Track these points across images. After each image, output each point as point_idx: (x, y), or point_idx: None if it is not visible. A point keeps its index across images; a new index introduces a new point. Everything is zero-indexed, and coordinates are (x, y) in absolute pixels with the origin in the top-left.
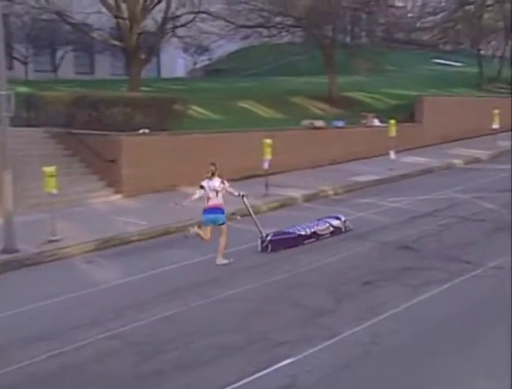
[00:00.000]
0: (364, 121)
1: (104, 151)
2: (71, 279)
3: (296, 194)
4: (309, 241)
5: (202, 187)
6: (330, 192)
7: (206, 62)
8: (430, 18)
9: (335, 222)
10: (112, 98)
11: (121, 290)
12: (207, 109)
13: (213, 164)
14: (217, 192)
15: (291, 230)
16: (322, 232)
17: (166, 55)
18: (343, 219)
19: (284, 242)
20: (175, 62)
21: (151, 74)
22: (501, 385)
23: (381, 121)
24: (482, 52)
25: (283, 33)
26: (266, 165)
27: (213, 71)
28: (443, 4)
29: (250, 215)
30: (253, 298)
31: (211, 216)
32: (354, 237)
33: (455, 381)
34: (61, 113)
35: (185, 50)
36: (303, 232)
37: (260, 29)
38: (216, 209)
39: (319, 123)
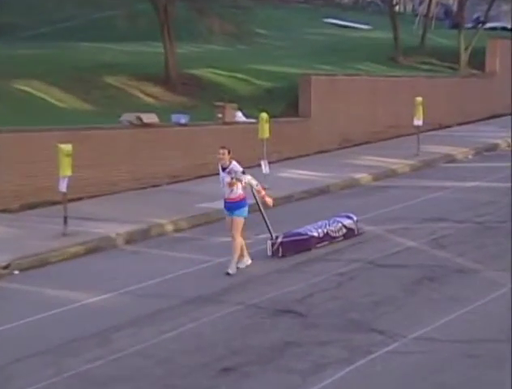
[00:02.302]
0: (220, 116)
1: None
2: None
3: (114, 231)
4: (321, 243)
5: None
6: (169, 227)
7: None
8: None
9: (347, 221)
10: None
11: None
12: None
13: (222, 147)
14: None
15: (302, 230)
16: (334, 234)
17: None
18: (355, 218)
19: (296, 245)
20: None
21: None
22: None
23: (246, 116)
24: (397, 8)
25: None
26: (63, 186)
27: None
28: None
29: (260, 210)
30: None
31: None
32: (203, 299)
33: None
34: None
35: None
36: (315, 234)
37: None
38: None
39: (150, 118)
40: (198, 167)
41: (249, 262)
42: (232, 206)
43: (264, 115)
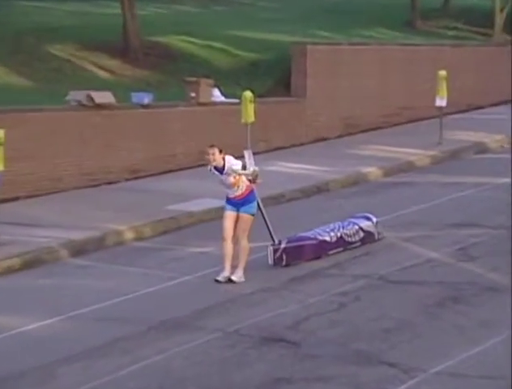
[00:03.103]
0: (193, 95)
1: None
2: None
3: (58, 239)
4: (334, 250)
5: None
6: (129, 235)
7: None
8: None
9: (365, 223)
10: None
11: None
12: None
13: (210, 147)
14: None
15: (310, 234)
16: (350, 239)
17: None
18: (374, 220)
19: (303, 252)
20: None
21: None
22: None
23: (225, 95)
24: None
25: None
26: None
27: None
28: None
29: (259, 209)
30: None
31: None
32: (172, 324)
33: None
34: None
35: None
36: (327, 238)
37: None
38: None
39: (104, 98)
40: (166, 159)
41: (230, 276)
42: (239, 202)
43: (248, 94)
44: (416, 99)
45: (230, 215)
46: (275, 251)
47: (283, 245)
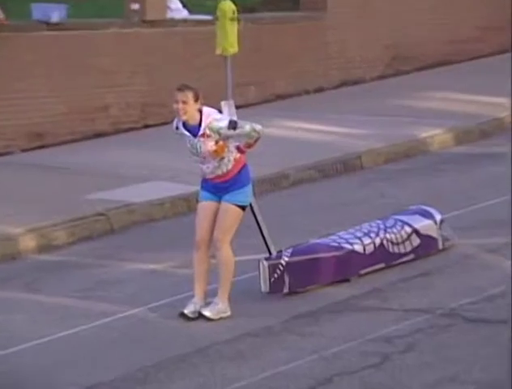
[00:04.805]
0: (135, 7)
1: None
2: None
3: None
4: (371, 267)
5: None
6: (28, 242)
7: None
8: None
9: (422, 223)
10: None
11: None
12: None
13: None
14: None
15: (330, 241)
16: (397, 250)
17: None
18: (437, 217)
19: (318, 270)
20: None
21: None
22: None
23: (188, 8)
24: None
25: None
26: None
27: None
28: None
29: (253, 213)
30: None
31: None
32: None
33: None
34: None
35: None
36: (358, 247)
37: None
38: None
39: None
40: (88, 116)
41: (202, 311)
42: (222, 186)
43: (227, 6)
44: (502, 18)
45: (207, 207)
46: (273, 269)
47: (285, 260)
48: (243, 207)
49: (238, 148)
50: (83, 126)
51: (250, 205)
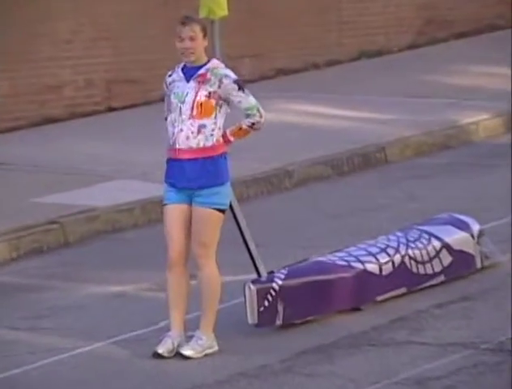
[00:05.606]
0: None
1: None
2: None
3: None
4: (391, 292)
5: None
6: None
7: None
8: None
9: (455, 236)
10: None
11: None
12: None
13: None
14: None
15: (337, 259)
16: (423, 269)
17: None
18: (475, 228)
19: (322, 296)
20: None
21: None
22: None
23: None
24: None
25: None
26: None
27: None
28: None
29: (235, 218)
30: None
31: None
32: None
33: None
34: None
35: None
36: (373, 267)
37: None
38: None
39: None
40: (36, 96)
41: (181, 349)
42: (191, 173)
43: None
44: None
45: (177, 211)
46: (263, 295)
47: (278, 284)
48: (223, 211)
49: (223, 136)
50: (29, 109)
51: (231, 207)
